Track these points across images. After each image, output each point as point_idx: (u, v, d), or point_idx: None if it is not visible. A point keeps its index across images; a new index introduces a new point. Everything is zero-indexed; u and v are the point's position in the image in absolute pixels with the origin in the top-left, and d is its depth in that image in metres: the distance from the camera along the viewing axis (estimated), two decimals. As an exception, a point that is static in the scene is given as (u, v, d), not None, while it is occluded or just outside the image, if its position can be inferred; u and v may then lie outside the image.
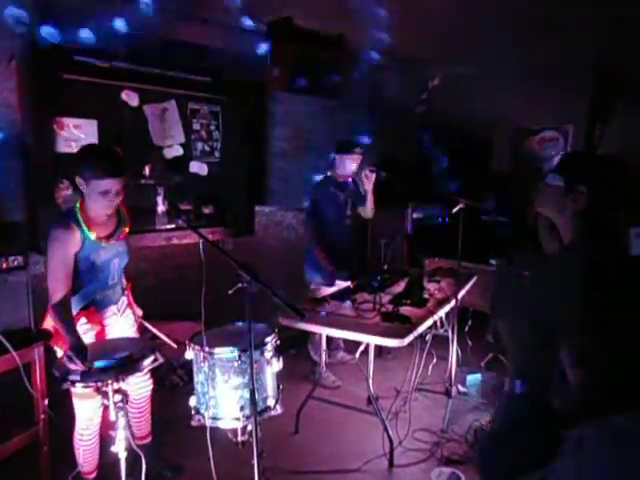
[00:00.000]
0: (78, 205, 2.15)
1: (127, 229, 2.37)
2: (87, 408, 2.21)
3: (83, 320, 2.21)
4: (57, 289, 2.07)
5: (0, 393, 2.36)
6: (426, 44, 4.23)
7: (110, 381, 1.85)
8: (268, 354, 2.25)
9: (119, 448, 1.96)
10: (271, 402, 2.27)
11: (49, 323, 2.21)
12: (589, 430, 0.55)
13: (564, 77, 4.57)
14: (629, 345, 0.91)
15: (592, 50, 3.97)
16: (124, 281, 2.48)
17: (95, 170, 2.03)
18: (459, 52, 4.51)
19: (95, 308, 2.27)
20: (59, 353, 2.18)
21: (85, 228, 2.12)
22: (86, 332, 2.19)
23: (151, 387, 2.56)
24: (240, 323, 2.44)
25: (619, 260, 1.13)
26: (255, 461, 1.92)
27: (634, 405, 0.57)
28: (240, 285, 1.84)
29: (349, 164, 3.57)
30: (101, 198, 2.07)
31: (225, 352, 2.16)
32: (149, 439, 2.60)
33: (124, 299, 2.47)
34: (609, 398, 0.78)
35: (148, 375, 2.49)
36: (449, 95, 5.40)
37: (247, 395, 2.09)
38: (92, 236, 2.14)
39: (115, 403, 1.91)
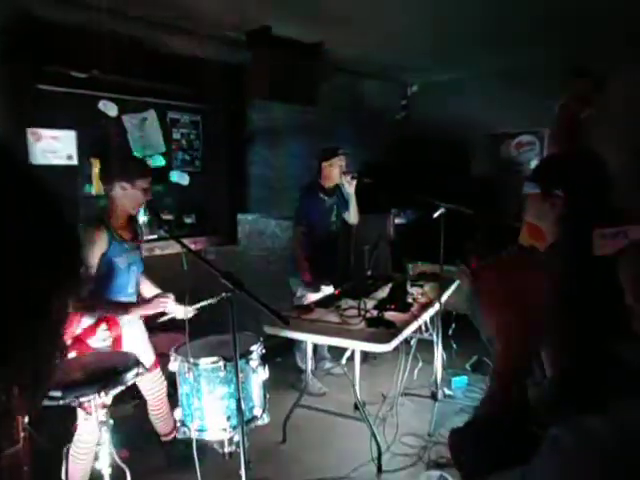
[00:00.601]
0: (103, 210, 2.37)
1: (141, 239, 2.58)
2: (91, 422, 2.15)
3: (103, 326, 2.29)
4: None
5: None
6: (403, 52, 4.29)
7: (93, 396, 1.82)
8: (254, 363, 2.24)
9: (103, 464, 1.92)
10: (258, 411, 2.26)
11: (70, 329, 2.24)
12: (565, 431, 0.56)
13: (538, 80, 4.67)
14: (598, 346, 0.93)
15: (562, 51, 4.06)
16: (137, 290, 2.55)
17: (140, 170, 2.35)
18: (436, 59, 4.59)
19: (113, 316, 2.35)
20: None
21: (112, 229, 2.31)
22: (105, 338, 2.31)
23: (165, 388, 2.65)
24: (224, 333, 2.42)
25: (594, 266, 1.15)
26: (242, 471, 1.91)
27: (603, 404, 0.59)
28: (224, 295, 1.84)
29: (336, 168, 3.57)
30: (142, 194, 2.33)
31: (210, 362, 2.15)
32: (173, 434, 2.63)
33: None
34: (580, 397, 0.79)
35: (162, 377, 2.62)
36: (428, 101, 5.48)
37: (233, 405, 2.07)
38: (118, 238, 2.32)
39: (98, 418, 1.88)
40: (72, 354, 2.20)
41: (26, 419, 2.39)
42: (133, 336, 2.47)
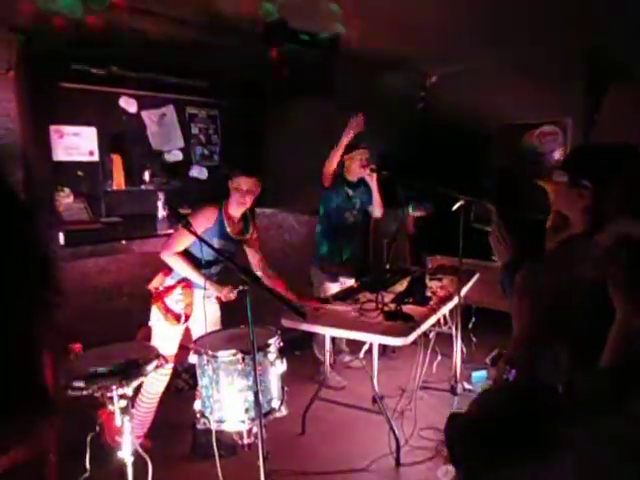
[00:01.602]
0: (224, 201, 2.65)
1: (254, 235, 2.84)
2: (154, 373, 2.29)
3: (179, 290, 2.57)
4: (175, 245, 2.50)
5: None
6: (422, 42, 4.23)
7: (115, 386, 1.86)
8: (272, 356, 2.25)
9: (125, 453, 1.97)
10: (276, 404, 2.27)
11: (155, 284, 2.60)
12: (581, 429, 0.54)
13: (561, 70, 4.56)
14: None
15: (586, 41, 3.96)
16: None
17: (236, 170, 2.65)
18: (455, 50, 4.51)
19: (190, 284, 2.60)
20: (155, 311, 2.57)
21: (222, 213, 2.61)
22: (178, 301, 2.58)
23: None
24: (242, 326, 2.44)
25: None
26: (260, 463, 1.93)
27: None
28: (241, 288, 1.85)
29: (356, 161, 3.57)
30: (236, 194, 2.60)
31: (228, 355, 2.17)
32: None
33: (213, 294, 2.67)
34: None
35: None
36: (447, 92, 5.40)
37: (252, 397, 2.09)
38: (225, 224, 2.61)
39: (120, 408, 1.92)
40: (154, 306, 2.55)
41: (52, 409, 2.47)
42: (201, 311, 2.61)
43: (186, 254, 2.57)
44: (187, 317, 2.60)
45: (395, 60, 4.91)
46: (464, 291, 3.28)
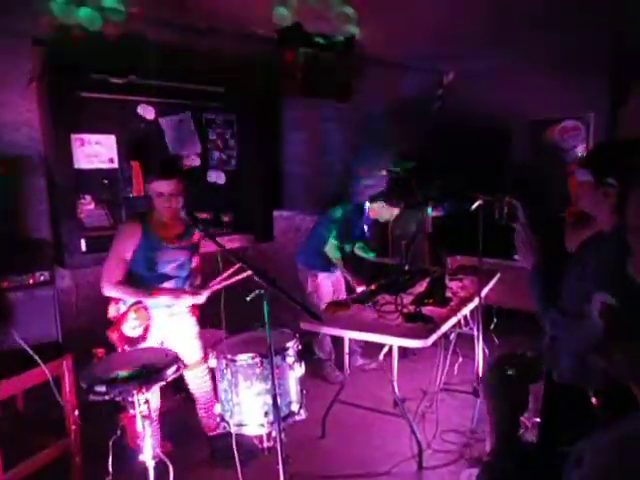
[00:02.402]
0: (150, 209, 2.45)
1: (195, 237, 2.61)
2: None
3: (132, 315, 2.37)
4: (112, 275, 2.34)
5: (32, 405, 2.43)
6: (438, 40, 4.19)
7: (135, 391, 1.88)
8: (290, 359, 2.25)
9: (147, 457, 1.99)
10: (295, 407, 2.27)
11: (112, 313, 2.43)
12: (586, 446, 0.53)
13: (583, 64, 4.46)
14: None
15: (609, 34, 3.86)
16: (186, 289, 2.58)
17: (157, 173, 2.41)
18: (474, 46, 4.45)
19: (144, 306, 2.41)
20: (115, 341, 2.38)
21: (148, 226, 2.39)
22: (135, 327, 2.38)
23: (210, 384, 2.66)
24: (261, 329, 2.44)
25: None
26: (280, 466, 1.93)
27: None
28: (258, 292, 1.85)
29: (383, 215, 3.72)
30: (158, 199, 2.37)
31: (247, 359, 2.17)
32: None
33: (184, 309, 2.59)
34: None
35: (207, 374, 2.65)
36: (465, 90, 5.33)
37: (270, 401, 2.09)
38: (155, 236, 2.40)
39: (141, 413, 1.94)
40: (113, 335, 2.36)
41: (76, 412, 2.51)
42: (167, 330, 2.54)
43: (132, 278, 2.39)
44: (144, 338, 2.42)
45: (412, 58, 4.87)
46: (485, 291, 3.23)
